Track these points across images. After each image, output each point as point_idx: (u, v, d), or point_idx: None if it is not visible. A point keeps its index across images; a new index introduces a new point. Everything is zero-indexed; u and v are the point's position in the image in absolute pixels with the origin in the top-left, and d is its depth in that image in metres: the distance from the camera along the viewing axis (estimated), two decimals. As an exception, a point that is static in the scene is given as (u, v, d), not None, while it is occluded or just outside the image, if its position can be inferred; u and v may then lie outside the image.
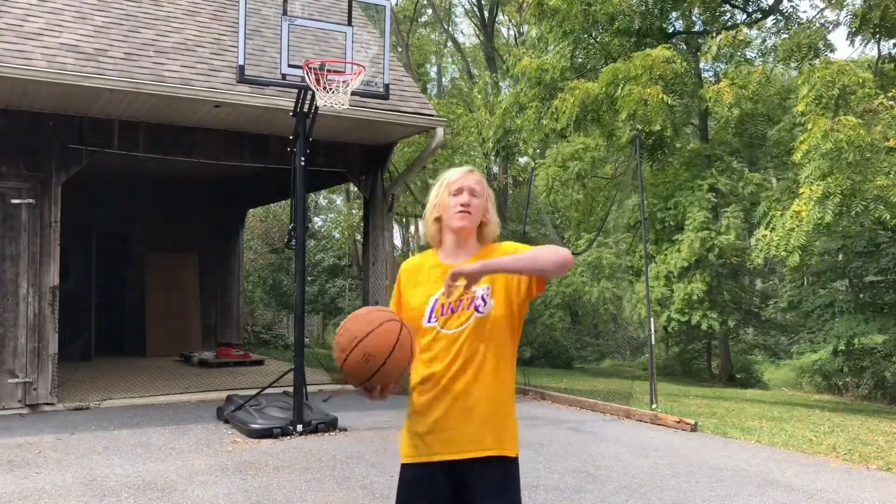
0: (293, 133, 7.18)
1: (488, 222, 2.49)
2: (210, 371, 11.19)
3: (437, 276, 2.46)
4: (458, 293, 2.33)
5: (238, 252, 14.60)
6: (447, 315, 2.42)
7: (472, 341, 2.39)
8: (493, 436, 2.38)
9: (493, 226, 2.50)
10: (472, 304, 2.41)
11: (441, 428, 2.38)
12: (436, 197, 2.50)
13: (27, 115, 8.14)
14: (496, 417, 2.40)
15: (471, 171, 2.52)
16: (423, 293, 2.47)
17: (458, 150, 19.54)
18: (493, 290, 2.41)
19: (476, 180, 2.48)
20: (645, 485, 5.38)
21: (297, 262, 7.21)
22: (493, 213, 2.51)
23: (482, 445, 2.37)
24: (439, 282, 2.44)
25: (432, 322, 2.43)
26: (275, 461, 5.90)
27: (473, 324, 2.39)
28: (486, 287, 2.41)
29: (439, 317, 2.43)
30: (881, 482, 5.57)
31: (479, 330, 2.39)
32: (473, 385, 2.38)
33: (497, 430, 2.40)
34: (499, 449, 2.39)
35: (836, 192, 8.98)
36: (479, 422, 2.37)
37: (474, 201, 2.45)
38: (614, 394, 10.05)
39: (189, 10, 9.45)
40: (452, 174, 2.51)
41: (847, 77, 9.54)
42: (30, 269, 8.00)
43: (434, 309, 2.43)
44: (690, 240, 12.86)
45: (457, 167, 2.57)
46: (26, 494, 4.94)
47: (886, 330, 13.42)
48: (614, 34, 13.40)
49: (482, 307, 2.40)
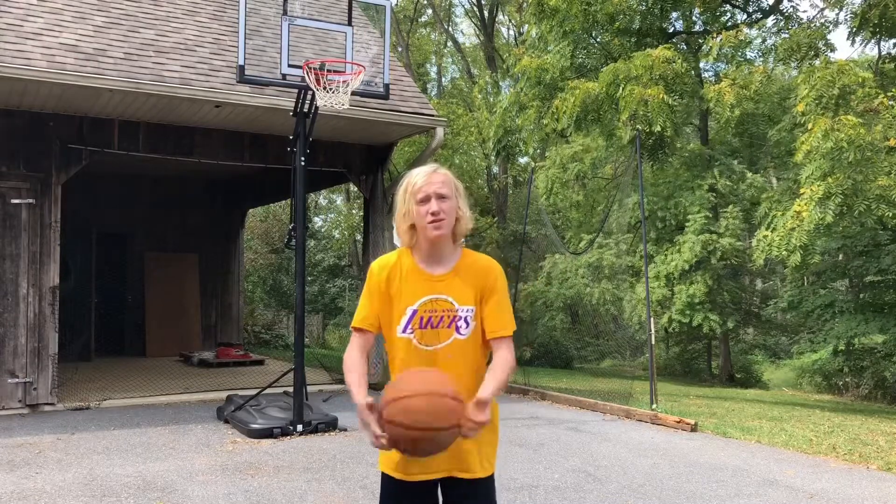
0: (293, 133, 7.18)
1: (461, 218, 2.40)
2: (210, 371, 11.19)
3: (416, 283, 2.39)
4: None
5: (238, 252, 14.60)
6: (425, 329, 2.35)
7: (451, 361, 2.33)
8: (471, 458, 2.34)
9: (465, 220, 2.41)
10: (452, 322, 2.35)
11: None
12: (403, 204, 2.39)
13: (27, 115, 8.14)
14: (475, 440, 2.30)
15: (434, 171, 2.40)
16: (401, 300, 2.39)
17: (458, 150, 19.56)
18: (475, 314, 2.36)
19: (441, 181, 2.37)
20: (645, 485, 5.37)
21: (297, 262, 7.21)
22: (464, 207, 2.41)
23: (459, 467, 2.33)
24: (417, 288, 2.37)
25: (407, 334, 2.36)
26: (275, 461, 5.90)
27: (453, 344, 2.34)
28: (470, 309, 2.36)
29: (416, 329, 2.36)
30: (881, 482, 5.57)
31: (458, 351, 2.34)
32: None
33: (473, 453, 2.35)
34: (474, 472, 2.34)
35: (837, 192, 8.97)
36: (456, 444, 2.28)
37: (444, 205, 2.35)
38: (614, 394, 10.05)
39: (189, 10, 9.45)
40: (417, 179, 2.38)
41: (847, 77, 9.53)
42: (30, 269, 8.00)
43: (412, 320, 2.36)
44: (691, 242, 12.87)
45: (419, 169, 2.43)
46: (26, 494, 4.93)
47: (886, 330, 13.40)
48: (614, 34, 13.39)
49: (464, 329, 2.35)
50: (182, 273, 13.59)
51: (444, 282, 2.38)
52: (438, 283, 2.38)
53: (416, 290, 2.37)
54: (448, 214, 2.35)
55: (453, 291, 2.37)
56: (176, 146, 8.95)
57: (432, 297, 2.37)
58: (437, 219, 2.33)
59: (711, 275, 13.38)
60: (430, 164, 2.48)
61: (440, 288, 2.37)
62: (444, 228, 2.36)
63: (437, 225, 2.34)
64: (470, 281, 2.39)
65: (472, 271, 2.41)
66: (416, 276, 2.40)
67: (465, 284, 2.38)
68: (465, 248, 2.49)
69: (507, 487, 5.20)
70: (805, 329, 19.43)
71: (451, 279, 2.39)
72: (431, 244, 2.39)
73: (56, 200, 8.16)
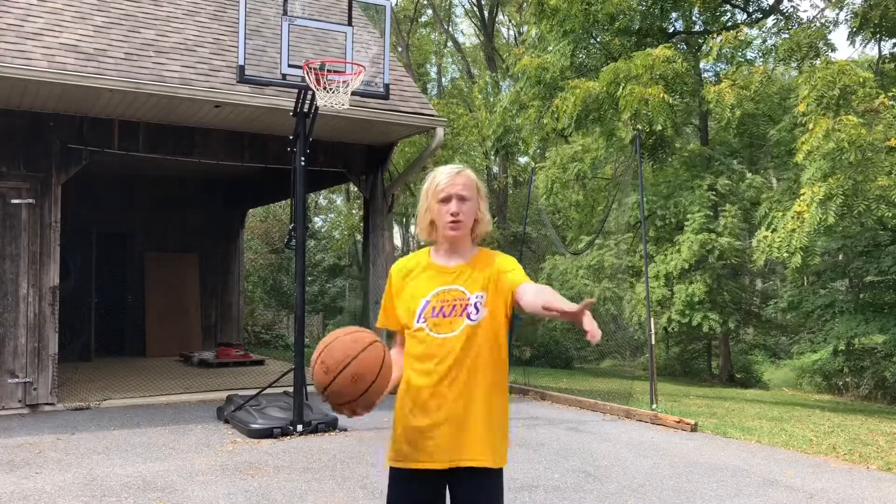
0: (293, 133, 7.18)
1: (480, 220, 2.46)
2: (210, 371, 11.19)
3: (430, 276, 2.45)
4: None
5: (238, 252, 14.61)
6: (437, 318, 2.39)
7: (463, 349, 2.36)
8: (480, 447, 2.35)
9: (484, 223, 2.47)
10: (464, 311, 2.38)
11: (427, 436, 2.35)
12: (425, 201, 2.46)
13: (27, 115, 8.14)
14: (484, 428, 2.36)
15: (458, 172, 2.45)
16: (415, 294, 2.45)
17: (458, 151, 19.56)
18: (486, 299, 2.39)
19: (464, 183, 2.42)
20: (645, 485, 5.37)
21: (297, 262, 7.21)
22: (484, 210, 2.47)
23: (468, 456, 2.34)
24: (431, 282, 2.43)
25: (420, 323, 2.41)
26: (275, 461, 5.90)
27: (465, 331, 2.37)
28: (480, 294, 2.39)
29: (429, 318, 2.40)
30: (881, 482, 5.57)
31: (470, 338, 2.37)
32: (462, 394, 2.35)
33: (484, 441, 2.36)
34: (484, 460, 2.35)
35: (838, 192, 8.97)
36: (466, 432, 2.34)
37: (464, 207, 2.41)
38: (614, 394, 10.05)
39: (189, 10, 9.45)
40: (440, 178, 2.44)
41: (848, 77, 9.53)
42: (30, 269, 8.00)
43: (424, 310, 2.41)
44: (690, 241, 12.86)
45: (444, 168, 2.50)
46: (26, 494, 4.93)
47: (887, 330, 13.41)
48: (615, 34, 13.39)
49: (474, 315, 2.38)
50: (182, 273, 13.59)
51: (456, 273, 2.44)
52: (451, 274, 2.44)
53: (431, 283, 2.44)
54: (467, 216, 2.42)
55: (465, 281, 2.42)
56: (176, 146, 8.95)
57: (445, 287, 2.43)
58: (456, 220, 2.40)
59: (711, 274, 13.39)
60: (454, 165, 2.53)
61: (452, 279, 2.43)
62: (461, 230, 2.42)
63: (454, 226, 2.41)
64: (480, 268, 2.44)
65: (484, 261, 2.46)
66: (432, 270, 2.47)
67: (476, 272, 2.43)
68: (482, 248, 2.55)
69: (507, 487, 5.16)
70: (805, 329, 19.44)
71: (463, 269, 2.44)
72: (449, 242, 2.46)
73: (56, 200, 8.16)
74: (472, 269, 2.43)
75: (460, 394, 2.35)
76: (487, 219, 2.48)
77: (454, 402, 2.34)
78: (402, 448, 2.40)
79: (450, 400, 2.35)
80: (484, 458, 2.35)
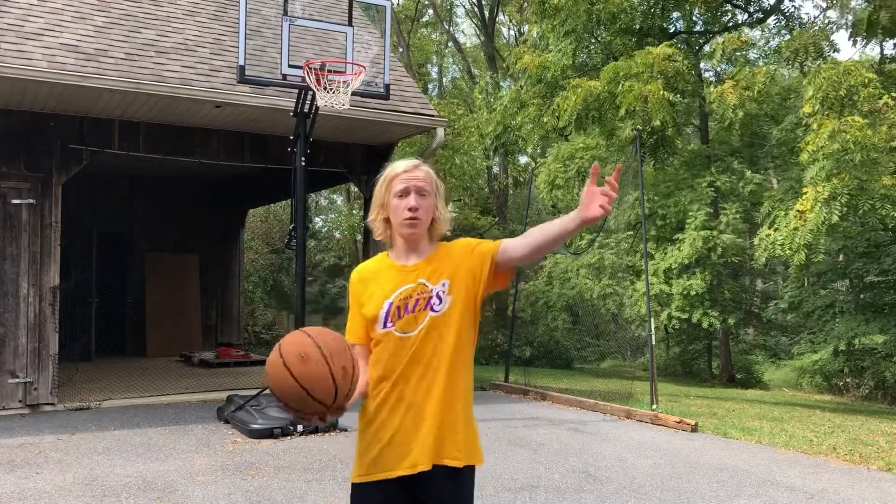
0: (293, 133, 7.18)
1: (438, 219, 2.32)
2: (210, 371, 11.18)
3: (390, 278, 2.32)
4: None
5: (238, 252, 14.60)
6: (404, 318, 2.27)
7: (428, 344, 2.24)
8: (450, 446, 2.24)
9: (442, 222, 2.33)
10: (428, 304, 2.26)
11: (397, 441, 2.23)
12: (380, 195, 2.31)
13: (27, 115, 8.14)
14: (452, 425, 2.24)
15: (416, 165, 2.31)
16: (379, 298, 2.30)
17: (458, 151, 19.53)
18: (451, 287, 2.28)
19: (423, 177, 2.29)
20: (645, 485, 5.37)
21: (298, 262, 7.21)
22: (442, 208, 2.33)
23: (438, 456, 2.22)
24: (392, 283, 2.30)
25: (388, 327, 2.28)
26: (275, 461, 5.90)
27: (429, 325, 2.25)
28: (444, 283, 2.27)
29: (396, 320, 2.27)
30: (881, 483, 5.57)
31: (434, 331, 2.25)
32: (429, 392, 2.23)
33: (454, 440, 2.24)
34: (455, 459, 2.24)
35: (843, 192, 8.98)
36: (435, 431, 2.21)
37: (423, 203, 2.27)
38: (615, 394, 10.05)
39: (189, 11, 9.45)
40: (397, 169, 2.30)
41: (853, 78, 9.52)
42: (30, 269, 7.99)
43: (389, 312, 2.28)
44: (692, 238, 12.85)
45: (402, 161, 2.35)
46: (27, 494, 4.93)
47: (887, 330, 13.41)
48: (616, 33, 13.39)
49: (437, 305, 2.26)
50: (182, 273, 13.58)
51: (416, 270, 2.31)
52: (412, 272, 2.31)
53: (392, 285, 2.31)
54: (425, 213, 2.28)
55: (426, 275, 2.30)
56: (176, 146, 8.94)
57: (407, 286, 2.30)
58: (414, 216, 2.26)
59: (711, 271, 13.38)
60: (411, 159, 2.39)
61: (413, 277, 2.30)
62: (419, 227, 2.29)
63: (412, 223, 2.27)
64: (441, 259, 2.32)
65: (445, 252, 2.34)
66: (392, 271, 2.34)
67: (438, 265, 2.31)
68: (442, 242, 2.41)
69: (507, 488, 5.20)
70: (805, 329, 19.43)
71: (423, 266, 2.31)
72: (405, 241, 2.32)
73: (56, 200, 8.16)
74: (434, 263, 2.31)
75: (425, 393, 2.23)
76: (446, 217, 2.34)
77: (420, 402, 2.23)
78: (369, 459, 2.28)
79: (415, 400, 2.23)
80: (452, 455, 2.24)
